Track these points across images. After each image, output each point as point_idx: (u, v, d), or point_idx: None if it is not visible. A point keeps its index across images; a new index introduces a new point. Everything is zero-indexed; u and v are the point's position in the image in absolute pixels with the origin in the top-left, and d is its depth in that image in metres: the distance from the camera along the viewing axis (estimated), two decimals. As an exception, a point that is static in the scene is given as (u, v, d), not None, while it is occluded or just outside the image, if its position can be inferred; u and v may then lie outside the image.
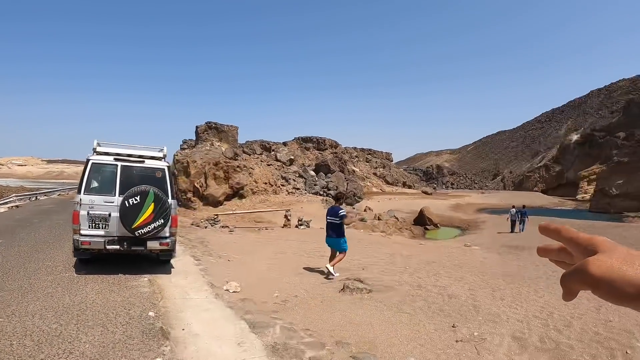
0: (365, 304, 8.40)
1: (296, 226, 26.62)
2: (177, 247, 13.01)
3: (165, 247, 9.59)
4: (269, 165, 55.54)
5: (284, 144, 79.80)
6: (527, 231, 31.06)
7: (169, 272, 10.06)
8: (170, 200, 9.54)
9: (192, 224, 24.33)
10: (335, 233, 11.11)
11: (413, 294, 9.54)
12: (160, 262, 10.54)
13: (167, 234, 9.63)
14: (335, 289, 9.53)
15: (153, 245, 9.46)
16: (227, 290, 8.72)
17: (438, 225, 40.06)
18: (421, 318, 7.70)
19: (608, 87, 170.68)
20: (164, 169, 9.96)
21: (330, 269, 11.00)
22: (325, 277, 11.02)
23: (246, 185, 42.09)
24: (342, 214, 11.02)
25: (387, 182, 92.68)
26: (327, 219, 11.32)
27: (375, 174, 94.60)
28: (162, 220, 9.22)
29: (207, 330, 6.26)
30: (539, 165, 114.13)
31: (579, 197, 76.09)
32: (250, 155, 57.85)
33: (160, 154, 10.59)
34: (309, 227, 26.67)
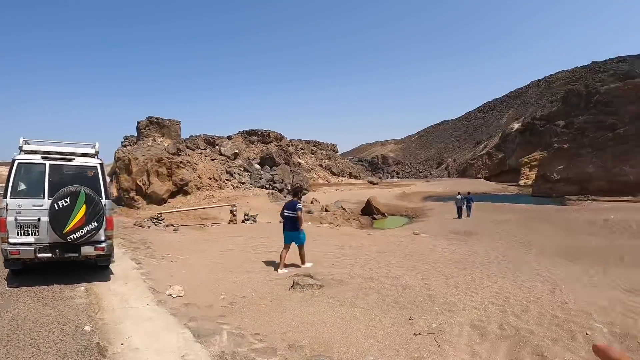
0: (317, 301, 8.06)
1: (242, 221, 26.07)
2: (117, 250, 12.33)
3: (101, 252, 8.86)
4: (213, 160, 54.46)
5: (229, 137, 78.88)
6: (473, 217, 31.81)
7: (108, 279, 9.32)
8: (104, 200, 8.84)
9: (134, 224, 23.33)
10: (293, 226, 11.34)
11: (366, 287, 9.31)
12: (99, 269, 9.80)
13: (103, 238, 8.91)
14: (285, 286, 9.14)
15: (88, 250, 8.73)
16: (170, 295, 8.14)
17: (385, 214, 40.31)
18: (376, 312, 7.46)
19: (548, 78, 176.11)
20: (96, 166, 9.20)
21: (306, 265, 11.52)
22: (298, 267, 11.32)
23: (190, 181, 41.01)
24: (298, 207, 11.33)
25: (333, 173, 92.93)
26: (284, 212, 11.55)
27: (321, 165, 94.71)
28: (95, 223, 8.51)
29: (148, 343, 5.73)
30: (481, 153, 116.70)
31: (521, 182, 78.37)
32: (194, 150, 56.58)
33: (93, 151, 9.79)
34: (255, 221, 26.22)
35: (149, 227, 22.60)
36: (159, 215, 26.09)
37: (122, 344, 5.67)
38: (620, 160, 51.04)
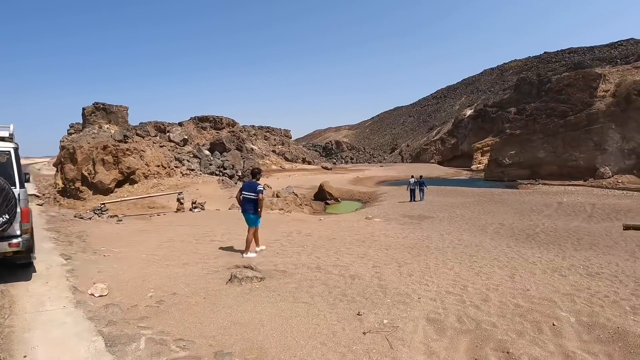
0: (256, 296, 7.35)
1: (190, 209, 25.28)
2: (48, 245, 11.37)
3: (16, 249, 7.80)
4: (161, 146, 52.97)
5: (180, 124, 77.35)
6: (426, 200, 31.80)
7: (29, 278, 8.31)
8: (17, 189, 7.85)
9: (75, 216, 22.01)
10: (252, 208, 10.88)
11: (311, 278, 8.70)
12: (19, 267, 8.72)
13: (18, 232, 7.86)
14: (223, 280, 8.36)
15: (1, 247, 7.74)
16: (92, 294, 7.23)
17: (339, 199, 40.17)
18: (321, 307, 6.83)
19: (500, 67, 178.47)
20: (9, 151, 8.07)
21: (249, 255, 10.90)
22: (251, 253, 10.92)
23: (138, 169, 39.66)
24: (259, 189, 10.84)
25: (287, 159, 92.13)
26: (242, 194, 11.01)
27: (274, 151, 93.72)
28: (7, 216, 7.43)
29: (53, 354, 4.92)
30: (435, 138, 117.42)
31: (473, 167, 79.63)
32: (143, 137, 54.92)
33: (7, 133, 8.73)
34: (203, 209, 25.46)
35: (90, 218, 21.37)
36: (102, 206, 24.97)
37: (24, 357, 4.88)
38: (571, 146, 52.61)
